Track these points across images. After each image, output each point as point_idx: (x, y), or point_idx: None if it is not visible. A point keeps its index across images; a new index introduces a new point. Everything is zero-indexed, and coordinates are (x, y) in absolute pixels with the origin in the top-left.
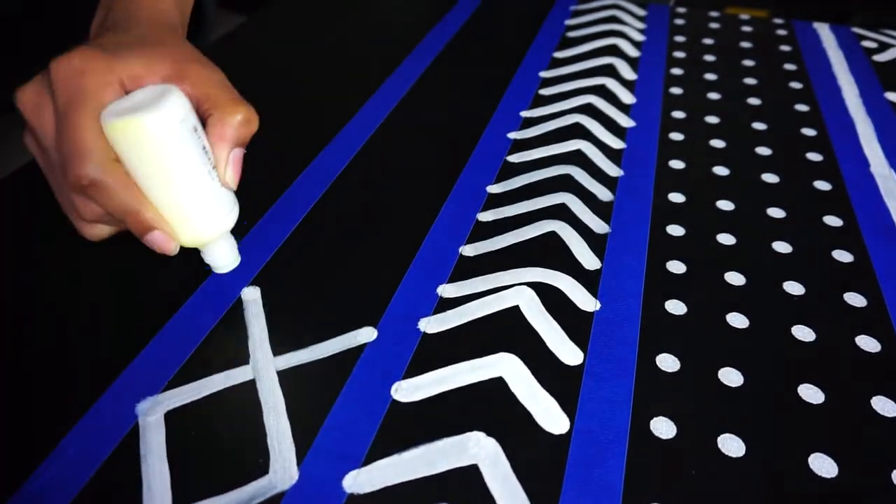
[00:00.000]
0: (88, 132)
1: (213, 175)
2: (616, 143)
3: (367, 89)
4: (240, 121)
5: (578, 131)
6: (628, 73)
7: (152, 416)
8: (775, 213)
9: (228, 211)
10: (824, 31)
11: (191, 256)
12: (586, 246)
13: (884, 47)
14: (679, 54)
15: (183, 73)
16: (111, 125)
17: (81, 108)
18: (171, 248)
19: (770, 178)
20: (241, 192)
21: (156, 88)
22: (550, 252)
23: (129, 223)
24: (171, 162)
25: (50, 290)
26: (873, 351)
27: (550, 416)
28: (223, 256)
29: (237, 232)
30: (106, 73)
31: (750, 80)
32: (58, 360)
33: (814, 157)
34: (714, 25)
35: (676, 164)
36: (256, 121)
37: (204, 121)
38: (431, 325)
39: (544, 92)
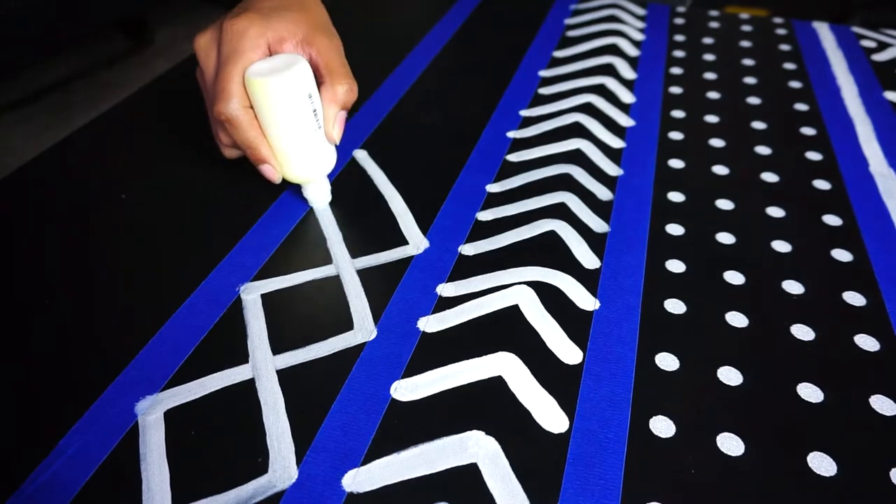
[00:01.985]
0: (234, 82)
1: (318, 131)
2: (616, 143)
3: (367, 88)
4: (345, 90)
5: (578, 130)
6: (628, 73)
7: (152, 415)
8: (775, 212)
9: (325, 160)
10: (824, 30)
11: (191, 256)
12: (586, 245)
13: (883, 47)
14: (679, 54)
15: (312, 40)
16: (249, 81)
17: (234, 63)
18: (276, 179)
19: (770, 177)
20: (242, 192)
21: (290, 57)
22: (550, 251)
23: (249, 154)
24: (284, 116)
25: (50, 289)
26: (872, 350)
27: (550, 415)
28: (317, 195)
29: (235, 231)
30: (258, 38)
31: (750, 80)
32: (58, 359)
33: (813, 156)
34: (714, 25)
35: (676, 164)
36: (356, 91)
37: (319, 84)
38: (431, 324)
39: (544, 91)
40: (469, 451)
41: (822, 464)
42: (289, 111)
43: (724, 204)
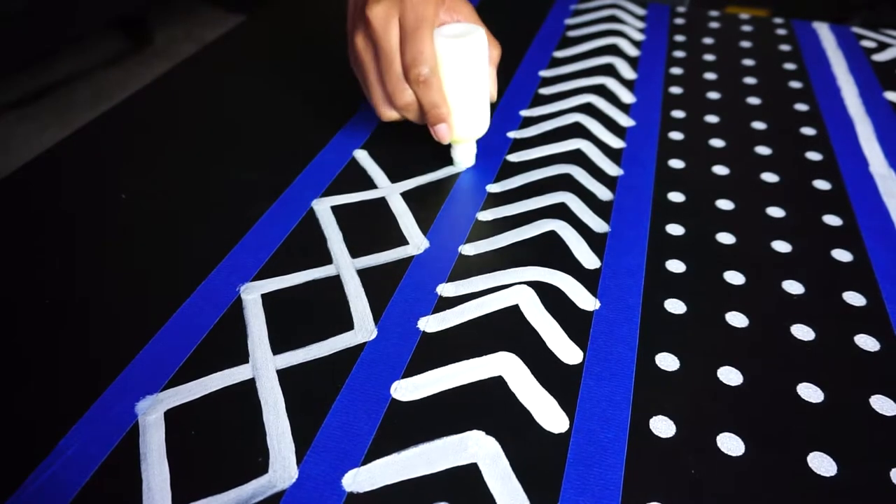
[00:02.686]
0: (428, 45)
1: (486, 93)
2: (616, 143)
3: None
4: (498, 53)
5: (578, 130)
6: (628, 73)
7: (152, 414)
8: (775, 212)
9: (486, 121)
10: (824, 30)
11: (191, 256)
12: (586, 245)
13: (883, 47)
14: (679, 54)
15: (456, 7)
16: (442, 43)
17: (426, 28)
18: (447, 139)
19: (770, 177)
20: (242, 192)
21: (467, 26)
22: (550, 251)
23: (430, 114)
24: (470, 75)
25: (50, 289)
26: (872, 350)
27: (550, 415)
28: (469, 155)
29: (235, 231)
30: (439, 5)
31: (750, 80)
32: (58, 359)
33: (813, 156)
34: (714, 25)
35: (676, 164)
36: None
37: None
38: (431, 323)
39: (544, 91)
40: (469, 451)
41: (822, 464)
42: (474, 71)
43: (724, 204)
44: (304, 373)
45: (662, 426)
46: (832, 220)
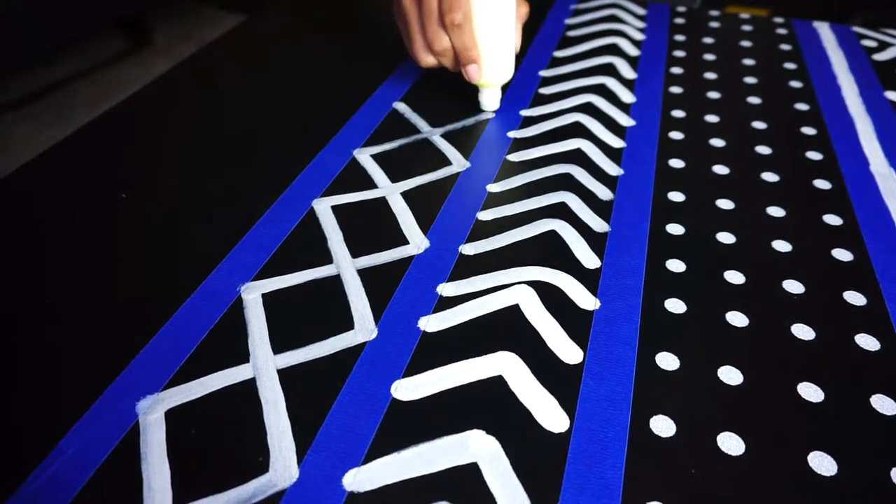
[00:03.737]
0: None
1: (512, 40)
2: (616, 142)
3: (367, 88)
4: (526, 10)
5: (578, 130)
6: (628, 73)
7: (153, 414)
8: (775, 212)
9: (511, 68)
10: (824, 30)
11: (191, 256)
12: (586, 245)
13: (884, 46)
14: (679, 53)
15: None
16: None
17: None
18: (477, 78)
19: (770, 177)
20: (242, 192)
21: None
22: (550, 251)
23: (462, 56)
24: (499, 22)
25: (50, 289)
26: (873, 349)
27: (550, 415)
28: (494, 99)
29: (236, 230)
30: None
31: (750, 79)
32: (58, 358)
33: (814, 155)
34: (714, 24)
35: (676, 163)
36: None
37: None
38: (431, 323)
39: (544, 91)
40: (469, 450)
41: (822, 464)
42: (502, 21)
43: (724, 204)
44: (305, 372)
45: (662, 426)
46: (832, 219)
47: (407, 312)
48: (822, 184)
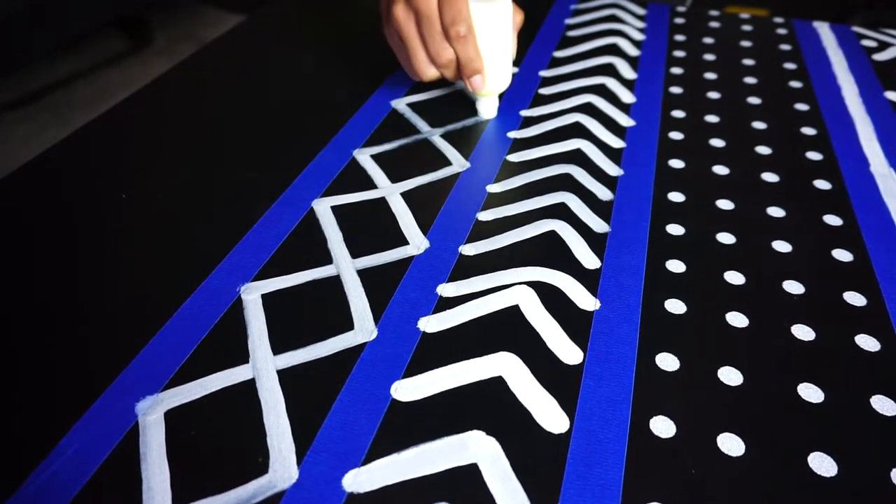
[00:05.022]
0: (464, 7)
1: (510, 52)
2: (616, 143)
3: (367, 88)
4: (521, 19)
5: (578, 130)
6: (628, 73)
7: (152, 414)
8: (775, 212)
9: (509, 76)
10: (824, 30)
11: (191, 256)
12: (586, 245)
13: (883, 46)
14: (679, 53)
15: None
16: (474, 7)
17: None
18: (481, 88)
19: (770, 177)
20: (242, 192)
21: None
22: (550, 251)
23: (467, 67)
24: (499, 34)
25: (49, 289)
26: (873, 350)
27: (550, 415)
28: (492, 107)
29: (236, 231)
30: None
31: (750, 80)
32: (58, 358)
33: (814, 156)
34: (714, 24)
35: (676, 164)
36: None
37: None
38: (431, 324)
39: (544, 91)
40: (469, 451)
41: (822, 464)
42: (501, 32)
43: (724, 204)
44: (305, 373)
45: (662, 426)
46: (832, 219)
47: (407, 313)
48: (822, 184)
